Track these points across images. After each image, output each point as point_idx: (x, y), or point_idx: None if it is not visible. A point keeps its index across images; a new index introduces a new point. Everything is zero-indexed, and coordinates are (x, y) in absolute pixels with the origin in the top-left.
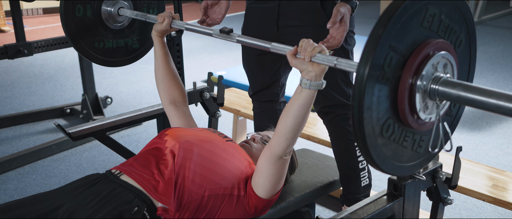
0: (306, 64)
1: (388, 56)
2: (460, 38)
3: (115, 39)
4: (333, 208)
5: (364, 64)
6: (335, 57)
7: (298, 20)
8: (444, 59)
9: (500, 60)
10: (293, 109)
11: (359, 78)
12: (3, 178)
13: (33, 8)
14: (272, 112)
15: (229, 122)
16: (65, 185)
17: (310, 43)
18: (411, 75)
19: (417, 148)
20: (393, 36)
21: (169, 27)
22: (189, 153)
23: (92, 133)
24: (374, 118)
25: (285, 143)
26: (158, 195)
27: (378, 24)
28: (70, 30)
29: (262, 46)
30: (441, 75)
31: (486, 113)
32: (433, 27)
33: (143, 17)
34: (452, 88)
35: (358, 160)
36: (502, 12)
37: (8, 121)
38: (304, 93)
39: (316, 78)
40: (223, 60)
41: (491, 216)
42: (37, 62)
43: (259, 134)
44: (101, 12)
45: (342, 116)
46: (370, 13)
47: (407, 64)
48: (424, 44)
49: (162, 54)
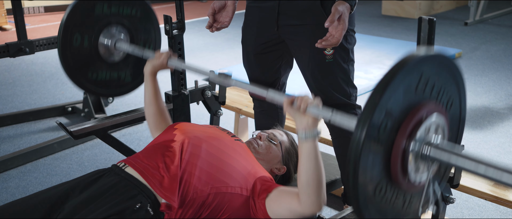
0: (299, 114)
1: (383, 121)
2: (451, 100)
3: (109, 71)
4: (334, 207)
5: (361, 129)
6: (331, 109)
7: (298, 19)
8: (436, 122)
9: (502, 58)
10: (302, 164)
11: (355, 142)
12: (4, 176)
13: (34, 7)
14: (273, 111)
15: (230, 121)
16: (72, 180)
17: (306, 95)
18: (404, 139)
19: (406, 208)
20: (389, 102)
21: (166, 63)
22: (197, 149)
23: (93, 132)
24: (368, 179)
25: (309, 200)
26: (162, 191)
27: (375, 91)
28: (65, 58)
29: (259, 94)
30: (432, 139)
31: (487, 112)
32: (426, 91)
33: (140, 53)
34: (443, 153)
35: None
36: (504, 10)
37: (9, 120)
38: (305, 145)
39: (309, 127)
40: (225, 58)
41: (493, 215)
42: (39, 60)
43: (265, 132)
44: (98, 44)
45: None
46: (371, 11)
47: (401, 128)
48: (417, 109)
49: (152, 92)
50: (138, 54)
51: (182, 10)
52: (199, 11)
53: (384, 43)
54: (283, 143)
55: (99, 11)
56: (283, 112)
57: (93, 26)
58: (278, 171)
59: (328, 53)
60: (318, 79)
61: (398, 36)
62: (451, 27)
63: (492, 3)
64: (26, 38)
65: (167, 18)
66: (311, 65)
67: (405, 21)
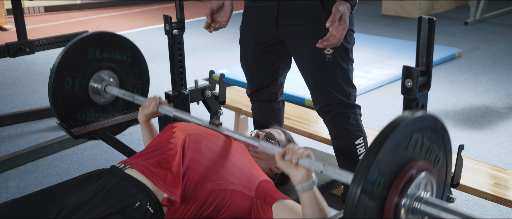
0: (292, 168)
1: (377, 180)
2: (438, 157)
3: (97, 113)
4: (335, 206)
5: (356, 186)
6: (322, 162)
7: (298, 19)
8: (425, 179)
9: (502, 58)
10: (305, 211)
11: (351, 199)
12: (4, 176)
13: (34, 7)
14: (271, 111)
15: (230, 121)
16: (70, 179)
17: (297, 147)
18: (396, 196)
19: None
20: (382, 162)
21: (157, 110)
22: (198, 145)
23: (93, 132)
24: None
25: None
26: (165, 186)
27: (369, 152)
28: (56, 101)
29: (251, 143)
30: (422, 195)
31: (488, 111)
32: (416, 150)
33: (131, 98)
34: (433, 208)
35: (359, 159)
36: (504, 10)
37: (9, 119)
38: (304, 195)
39: (304, 179)
40: (225, 58)
41: (493, 215)
42: (39, 60)
43: (263, 132)
44: (88, 87)
45: (342, 114)
46: (371, 11)
47: (393, 185)
48: (408, 167)
49: (149, 136)
50: (128, 98)
51: (182, 10)
52: (199, 11)
53: (384, 42)
54: (281, 142)
55: (91, 56)
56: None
57: (84, 69)
58: (277, 170)
59: (328, 52)
60: (317, 79)
61: (398, 35)
62: (451, 26)
63: (492, 2)
64: (26, 38)
65: (167, 18)
66: (311, 64)
67: (405, 21)
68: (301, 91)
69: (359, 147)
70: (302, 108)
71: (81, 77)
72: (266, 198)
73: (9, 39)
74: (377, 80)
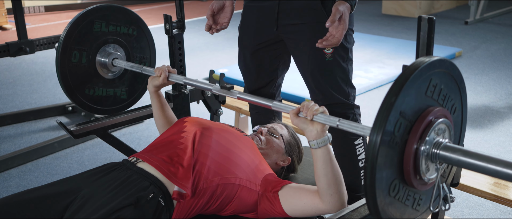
0: (307, 123)
1: (398, 121)
2: (455, 106)
3: (105, 87)
4: None
5: (377, 130)
6: (338, 118)
7: (298, 18)
8: (443, 125)
9: (502, 57)
10: (319, 170)
11: (372, 143)
12: (5, 175)
13: (34, 6)
14: (269, 112)
15: (230, 120)
16: (83, 172)
17: (312, 103)
18: (416, 140)
19: (416, 206)
20: (403, 104)
21: (167, 81)
22: (208, 140)
23: (94, 131)
24: (384, 179)
25: (332, 199)
26: (177, 180)
27: (390, 93)
28: (64, 75)
29: (264, 104)
30: (441, 140)
31: (488, 111)
32: (434, 95)
33: (139, 69)
34: (453, 153)
35: (358, 159)
36: (504, 9)
37: (10, 119)
38: (318, 152)
39: (319, 135)
40: (225, 57)
41: (493, 214)
42: (39, 60)
43: (265, 127)
44: (96, 60)
45: (343, 115)
46: (371, 10)
47: (413, 129)
48: (427, 112)
49: (159, 106)
50: (136, 70)
51: (182, 9)
52: (199, 10)
53: (384, 42)
54: (284, 135)
55: (98, 29)
56: (292, 122)
57: (91, 43)
58: (283, 163)
59: (328, 52)
60: (317, 78)
61: (398, 35)
62: (452, 26)
63: (493, 2)
64: (27, 37)
65: (167, 17)
66: (311, 64)
67: (405, 20)
68: (301, 90)
69: (359, 147)
70: None
71: (88, 51)
72: (272, 188)
73: (9, 38)
74: (377, 79)
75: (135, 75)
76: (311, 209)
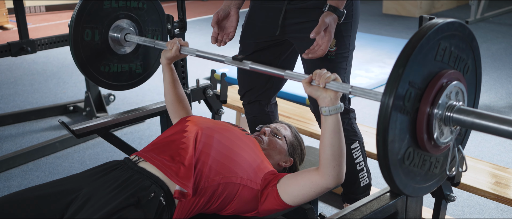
0: (320, 91)
1: (407, 91)
2: (467, 65)
3: (120, 63)
4: (335, 205)
5: (388, 97)
6: (350, 85)
7: (304, 17)
8: (456, 88)
9: (503, 57)
10: (326, 138)
11: (383, 112)
12: (6, 175)
13: (35, 6)
14: (264, 115)
15: (231, 120)
16: (84, 171)
17: (324, 71)
18: (428, 106)
19: (433, 170)
20: (411, 73)
21: (179, 54)
22: (210, 140)
23: (96, 130)
24: (396, 149)
25: (334, 172)
26: (178, 179)
27: (398, 64)
28: (78, 54)
29: (275, 73)
30: (454, 103)
31: (488, 110)
32: (444, 59)
33: (152, 43)
34: (466, 115)
35: (355, 162)
36: (505, 9)
37: (11, 119)
38: (328, 120)
39: (332, 102)
40: None
41: (494, 213)
42: (40, 60)
43: (269, 127)
44: (108, 37)
45: None
46: (372, 10)
47: (424, 96)
48: (438, 77)
49: (171, 81)
50: (149, 44)
51: (184, 9)
52: (201, 10)
53: (384, 42)
54: (287, 137)
55: (108, 6)
56: (305, 90)
57: (102, 20)
58: (285, 164)
59: (331, 49)
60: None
61: (398, 35)
62: None
63: (493, 2)
64: (28, 37)
65: (169, 17)
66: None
67: (406, 20)
68: (302, 90)
69: (355, 151)
70: (303, 107)
71: (100, 28)
72: (271, 183)
73: (10, 38)
74: (378, 79)
75: (148, 48)
76: (309, 188)
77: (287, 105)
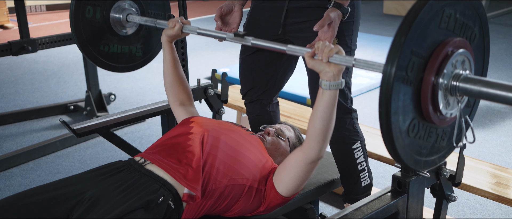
0: (323, 65)
1: (410, 61)
2: (474, 33)
3: (120, 44)
4: (336, 205)
5: (390, 67)
6: (353, 57)
7: (305, 16)
8: (462, 56)
9: (504, 57)
10: (319, 112)
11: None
12: (7, 174)
13: (36, 5)
14: (266, 114)
15: (232, 119)
16: (88, 171)
17: (326, 44)
18: (433, 76)
19: (440, 141)
20: (414, 42)
21: (181, 32)
22: (216, 141)
23: (97, 130)
24: (400, 121)
25: (318, 146)
26: (187, 182)
27: (399, 33)
28: (78, 31)
29: (277, 49)
30: (460, 72)
31: (489, 111)
32: (449, 27)
33: (153, 23)
34: (473, 84)
35: (356, 162)
36: (505, 9)
37: (12, 118)
38: (326, 94)
39: (334, 78)
40: (227, 57)
41: (494, 214)
42: (41, 59)
43: (273, 128)
44: (110, 16)
45: (338, 120)
46: (373, 10)
47: (428, 65)
48: (442, 45)
49: (171, 60)
50: (150, 24)
51: (185, 9)
52: (201, 10)
53: (385, 42)
54: (291, 138)
55: None
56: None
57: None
58: None
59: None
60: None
61: None
62: None
63: (494, 2)
64: (29, 36)
65: (170, 16)
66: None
67: None
68: (303, 90)
69: (357, 151)
70: (303, 107)
71: (102, 6)
72: (269, 178)
73: (11, 37)
74: (378, 79)
75: (150, 32)
76: (296, 167)
77: (287, 105)
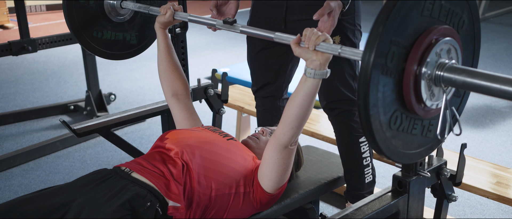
0: (310, 53)
1: (390, 51)
2: (462, 19)
3: (114, 31)
4: (336, 205)
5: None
6: (339, 46)
7: (306, 14)
8: (447, 45)
9: (504, 57)
10: (298, 98)
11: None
12: (7, 174)
13: (36, 5)
14: (276, 109)
15: (233, 119)
16: (75, 180)
17: (314, 31)
18: (415, 65)
19: (427, 133)
20: (393, 31)
21: (173, 19)
22: (191, 156)
23: (97, 130)
24: (381, 113)
25: (290, 132)
26: (169, 193)
27: (377, 21)
28: (71, 16)
29: (266, 36)
30: (445, 61)
31: (489, 111)
32: (433, 14)
33: (146, 10)
34: (457, 74)
35: (362, 156)
36: (505, 9)
37: (12, 118)
38: (309, 82)
39: (320, 67)
40: (227, 56)
41: (495, 213)
42: (41, 59)
43: (269, 129)
44: (103, 2)
45: (348, 112)
46: (373, 10)
47: (410, 55)
48: (425, 33)
49: (164, 46)
50: (144, 11)
51: (185, 9)
52: (201, 10)
53: None
54: None
55: None
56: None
57: None
58: None
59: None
60: None
61: None
62: None
63: (494, 2)
64: (29, 36)
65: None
66: None
67: None
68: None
69: (363, 145)
70: None
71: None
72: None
73: (11, 37)
74: None
75: (145, 20)
76: (272, 156)
77: None
